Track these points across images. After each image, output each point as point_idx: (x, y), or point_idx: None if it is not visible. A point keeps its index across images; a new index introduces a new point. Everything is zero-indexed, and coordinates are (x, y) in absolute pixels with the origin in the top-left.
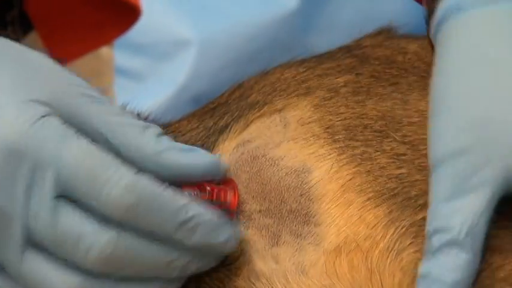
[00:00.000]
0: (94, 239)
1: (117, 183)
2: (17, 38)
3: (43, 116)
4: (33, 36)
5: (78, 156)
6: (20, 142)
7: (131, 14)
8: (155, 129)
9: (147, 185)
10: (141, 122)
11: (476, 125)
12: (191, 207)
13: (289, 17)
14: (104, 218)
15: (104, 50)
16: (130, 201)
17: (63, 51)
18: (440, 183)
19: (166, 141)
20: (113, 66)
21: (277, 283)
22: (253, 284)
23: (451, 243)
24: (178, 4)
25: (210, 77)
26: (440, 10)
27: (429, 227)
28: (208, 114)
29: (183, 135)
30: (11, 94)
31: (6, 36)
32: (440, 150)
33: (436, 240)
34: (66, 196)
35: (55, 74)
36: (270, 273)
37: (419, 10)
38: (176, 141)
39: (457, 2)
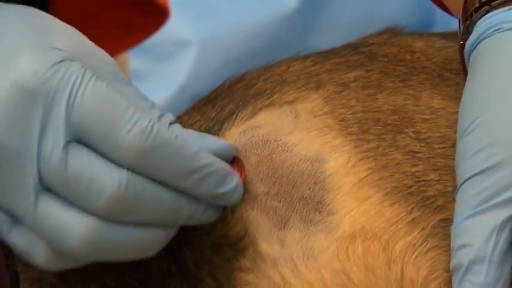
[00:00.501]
0: (106, 180)
1: (133, 128)
2: None
3: (62, 61)
4: None
5: (95, 99)
6: (36, 83)
7: (159, 15)
8: (168, 117)
9: (162, 132)
10: (157, 110)
11: (509, 141)
12: (203, 156)
13: (289, 17)
14: (116, 162)
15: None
16: (145, 146)
17: None
18: (468, 197)
19: (178, 128)
20: (129, 68)
21: (284, 265)
22: (259, 265)
23: (478, 260)
24: (178, 4)
25: (210, 76)
26: (478, 28)
27: (454, 243)
28: (209, 105)
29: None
30: (32, 40)
31: None
32: (470, 165)
33: (463, 257)
34: (80, 141)
35: (81, 38)
36: (276, 256)
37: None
38: None
39: (498, 21)
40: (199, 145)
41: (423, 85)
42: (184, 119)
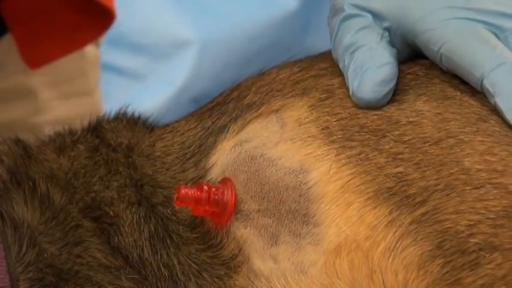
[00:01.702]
0: None
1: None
2: None
3: None
4: (9, 38)
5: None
6: None
7: (106, 18)
8: None
9: None
10: None
11: None
12: None
13: (289, 18)
14: None
15: (89, 49)
16: None
17: (37, 54)
18: None
19: None
20: (99, 64)
21: (276, 282)
22: (252, 282)
23: None
24: (178, 4)
25: (210, 77)
26: None
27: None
28: (207, 114)
29: (181, 134)
30: None
31: None
32: None
33: None
34: None
35: None
36: (269, 273)
37: None
38: (173, 140)
39: None
40: None
41: (408, 87)
42: (182, 123)
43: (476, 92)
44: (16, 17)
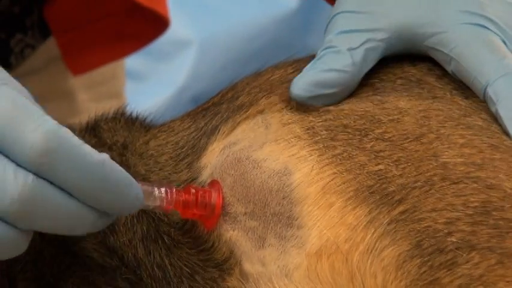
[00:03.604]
0: (11, 182)
1: (38, 128)
2: (35, 43)
3: None
4: (53, 41)
5: (3, 101)
6: None
7: (159, 24)
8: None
9: (68, 136)
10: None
11: None
12: (107, 164)
13: (289, 18)
14: (22, 164)
15: None
16: (49, 145)
17: (79, 61)
18: None
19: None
20: (125, 69)
21: (263, 285)
22: (244, 285)
23: None
24: (178, 4)
25: (210, 77)
26: None
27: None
28: (201, 114)
29: (176, 134)
30: None
31: (26, 40)
32: None
33: None
34: None
35: None
36: (257, 276)
37: None
38: (167, 140)
39: None
40: (105, 155)
41: (394, 90)
42: (177, 122)
43: (468, 96)
44: (60, 24)
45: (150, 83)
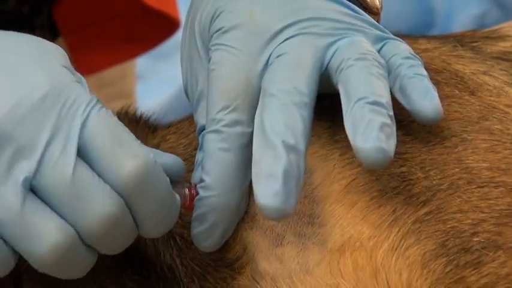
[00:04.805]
0: (106, 201)
1: (137, 156)
2: None
3: (78, 81)
4: (62, 42)
5: (106, 122)
6: (56, 92)
7: (169, 26)
8: None
9: (157, 167)
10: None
11: None
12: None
13: None
14: (113, 186)
15: None
16: (143, 176)
17: (88, 61)
18: None
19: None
20: (135, 69)
21: (282, 282)
22: (258, 282)
23: None
24: (178, 5)
25: None
26: None
27: None
28: None
29: (186, 136)
30: (40, 60)
31: None
32: None
33: None
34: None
35: None
36: (275, 273)
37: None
38: (179, 142)
39: None
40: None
41: None
42: (185, 124)
43: (473, 90)
44: (68, 24)
45: (150, 82)
